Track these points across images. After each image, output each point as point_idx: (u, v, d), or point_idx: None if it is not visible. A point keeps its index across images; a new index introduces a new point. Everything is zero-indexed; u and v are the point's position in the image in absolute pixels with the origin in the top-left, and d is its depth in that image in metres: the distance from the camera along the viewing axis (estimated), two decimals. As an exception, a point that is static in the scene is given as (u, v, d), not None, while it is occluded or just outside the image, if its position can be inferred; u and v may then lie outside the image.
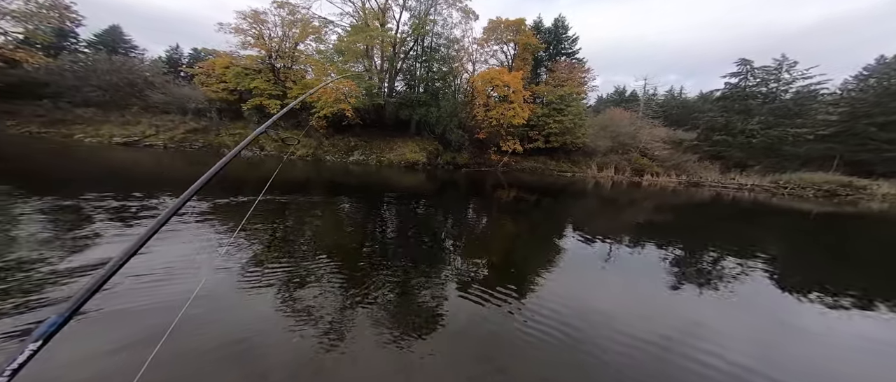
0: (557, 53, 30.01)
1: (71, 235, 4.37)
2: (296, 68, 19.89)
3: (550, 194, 15.15)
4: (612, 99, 41.83)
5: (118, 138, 17.06)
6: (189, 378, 2.23)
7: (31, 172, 8.73)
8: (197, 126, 18.97)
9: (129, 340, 2.47)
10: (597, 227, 8.66)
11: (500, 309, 3.45)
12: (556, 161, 26.43)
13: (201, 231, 5.20)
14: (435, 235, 6.45)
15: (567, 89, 26.25)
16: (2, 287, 2.99)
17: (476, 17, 24.17)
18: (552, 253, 5.85)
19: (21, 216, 4.86)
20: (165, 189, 7.99)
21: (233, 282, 3.55)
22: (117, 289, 3.12)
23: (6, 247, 3.80)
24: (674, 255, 6.18)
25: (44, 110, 16.41)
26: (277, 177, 12.45)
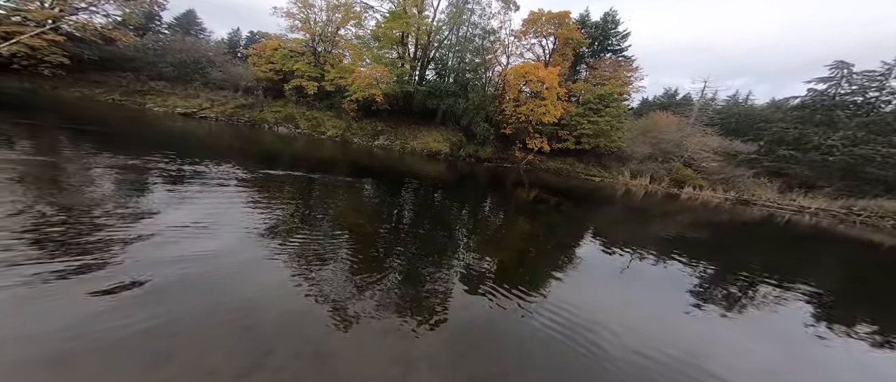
0: (602, 50, 27.99)
1: (131, 189, 5.20)
2: (335, 52, 20.96)
3: (574, 198, 14.60)
4: (659, 102, 38.12)
5: (180, 109, 19.47)
6: (200, 338, 2.30)
7: (110, 135, 10.34)
8: (245, 102, 20.98)
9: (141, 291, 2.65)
10: (620, 237, 8.30)
11: (507, 309, 3.39)
12: (585, 164, 25.07)
13: (237, 195, 5.78)
14: (449, 227, 6.48)
15: (608, 88, 24.51)
16: (74, 229, 3.60)
17: (517, 7, 23.33)
18: (567, 259, 5.69)
19: (97, 170, 5.85)
20: (211, 157, 8.96)
21: (254, 249, 3.74)
22: (156, 239, 3.56)
23: (85, 198, 4.57)
24: (702, 275, 5.78)
25: (126, 81, 19.24)
26: (306, 154, 13.55)
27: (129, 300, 2.54)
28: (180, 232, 3.85)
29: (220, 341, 2.30)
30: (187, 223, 4.13)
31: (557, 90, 22.89)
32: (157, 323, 2.34)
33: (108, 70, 19.14)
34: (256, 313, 2.64)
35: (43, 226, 3.38)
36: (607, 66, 26.67)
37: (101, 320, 2.29)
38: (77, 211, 3.92)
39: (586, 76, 27.30)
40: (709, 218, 14.83)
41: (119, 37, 18.50)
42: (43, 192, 4.34)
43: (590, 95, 25.08)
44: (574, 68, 27.47)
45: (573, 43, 25.57)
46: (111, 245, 3.29)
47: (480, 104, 22.99)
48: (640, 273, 5.51)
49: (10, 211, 3.55)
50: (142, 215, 4.18)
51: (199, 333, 2.34)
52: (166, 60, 19.75)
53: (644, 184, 23.38)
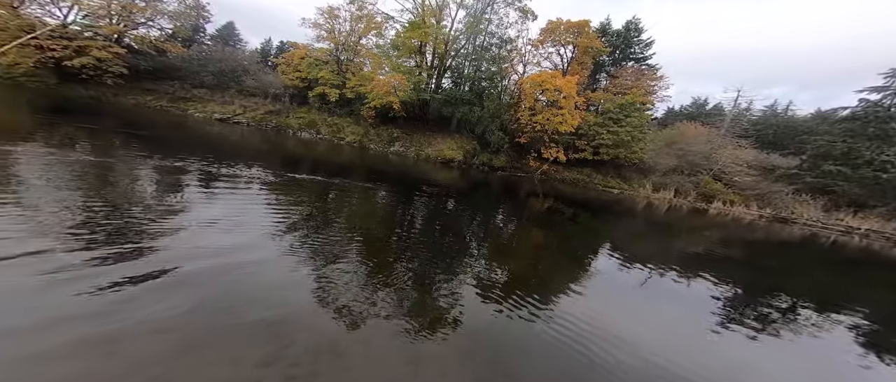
0: (624, 58, 27.30)
1: (169, 187, 5.73)
2: (356, 60, 22.08)
3: (590, 209, 14.22)
4: (686, 112, 36.12)
5: (217, 114, 21.21)
6: (223, 328, 2.42)
7: (156, 139, 11.37)
8: (273, 108, 22.49)
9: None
10: (640, 251, 8.00)
11: (516, 316, 3.39)
12: (603, 175, 24.23)
13: (261, 196, 6.16)
14: (460, 233, 6.54)
15: (629, 98, 23.78)
16: (120, 225, 3.94)
17: (534, 17, 23.45)
18: (580, 270, 5.59)
19: (143, 170, 6.50)
20: (241, 160, 9.63)
21: (274, 246, 3.92)
22: (187, 233, 3.85)
23: (129, 195, 5.11)
24: (729, 294, 5.46)
25: (173, 89, 21.35)
26: (325, 158, 14.17)
27: (160, 287, 2.76)
28: (209, 228, 4.16)
29: (241, 332, 2.41)
30: (216, 219, 4.44)
31: (575, 99, 22.50)
32: (183, 311, 2.53)
33: (158, 79, 21.37)
34: (276, 307, 2.77)
35: (92, 219, 3.78)
36: (629, 75, 25.90)
37: (137, 305, 2.49)
38: (122, 206, 4.38)
39: (606, 85, 26.64)
40: (741, 236, 13.83)
41: (170, 48, 20.68)
42: (95, 188, 4.90)
43: (610, 105, 24.42)
44: (593, 77, 26.94)
45: (593, 51, 25.16)
46: (148, 237, 3.60)
47: (495, 112, 23.08)
48: (661, 288, 5.27)
49: (66, 205, 4.04)
50: (176, 211, 4.60)
51: (222, 323, 2.46)
52: (208, 69, 21.76)
53: (668, 198, 22.17)
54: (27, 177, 4.76)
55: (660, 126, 30.13)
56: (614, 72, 26.58)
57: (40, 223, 3.41)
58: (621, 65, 26.65)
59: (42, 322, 2.20)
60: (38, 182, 4.63)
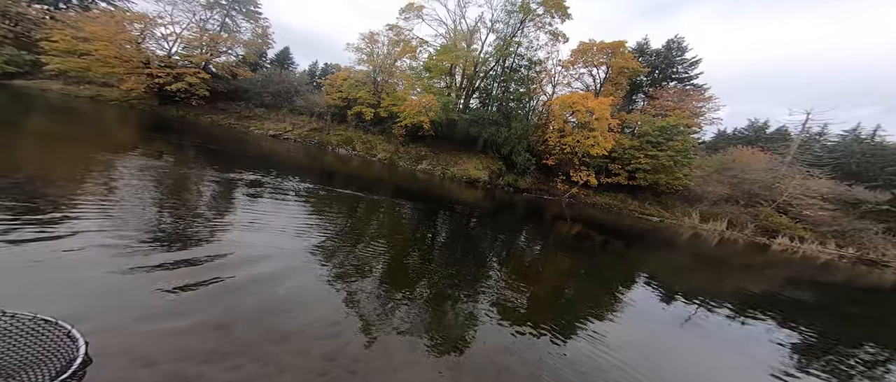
0: (665, 78, 25.87)
1: (226, 195, 6.49)
2: (390, 81, 23.93)
3: (625, 237, 13.32)
4: (741, 135, 32.18)
5: (271, 131, 24.11)
6: (258, 327, 2.50)
7: (223, 153, 12.93)
8: (316, 126, 25.01)
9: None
10: (683, 284, 7.39)
11: (535, 344, 3.24)
12: (640, 201, 22.40)
13: (300, 206, 6.68)
14: (482, 254, 6.51)
15: (672, 120, 22.22)
16: (189, 225, 4.42)
17: (566, 39, 23.59)
18: (612, 299, 5.31)
19: (209, 181, 7.43)
20: (288, 173, 10.59)
21: (301, 257, 4.08)
22: (236, 236, 4.20)
23: (197, 200, 5.85)
24: (798, 341, 4.82)
25: (239, 109, 24.97)
26: (356, 173, 15.12)
27: (211, 288, 2.99)
28: (254, 231, 4.61)
29: (272, 333, 2.51)
30: (258, 224, 4.96)
31: (609, 121, 21.63)
32: (224, 309, 2.71)
33: (229, 99, 25.24)
34: (298, 311, 2.90)
35: (162, 221, 4.30)
36: (671, 96, 24.36)
37: (197, 301, 2.72)
38: (191, 209, 5.00)
39: (644, 106, 25.28)
40: (814, 277, 11.84)
41: (241, 72, 24.43)
42: (171, 194, 5.67)
43: (648, 127, 22.99)
44: (629, 98, 25.78)
45: (629, 72, 24.28)
46: (205, 239, 3.99)
47: (523, 133, 23.02)
48: (710, 327, 4.80)
49: (142, 206, 4.65)
50: (229, 217, 5.24)
51: (259, 322, 2.59)
52: (268, 91, 25.17)
53: (719, 230, 19.67)
54: (127, 182, 5.67)
55: (708, 150, 27.31)
56: (654, 93, 25.22)
57: (124, 219, 3.99)
58: (661, 86, 25.24)
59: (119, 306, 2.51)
60: (133, 185, 5.53)
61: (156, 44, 23.22)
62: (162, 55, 23.07)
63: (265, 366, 2.10)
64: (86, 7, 24.86)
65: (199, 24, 23.49)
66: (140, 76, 21.99)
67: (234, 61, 25.16)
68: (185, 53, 23.58)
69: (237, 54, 25.48)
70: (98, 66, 20.97)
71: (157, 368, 1.92)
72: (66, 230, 3.39)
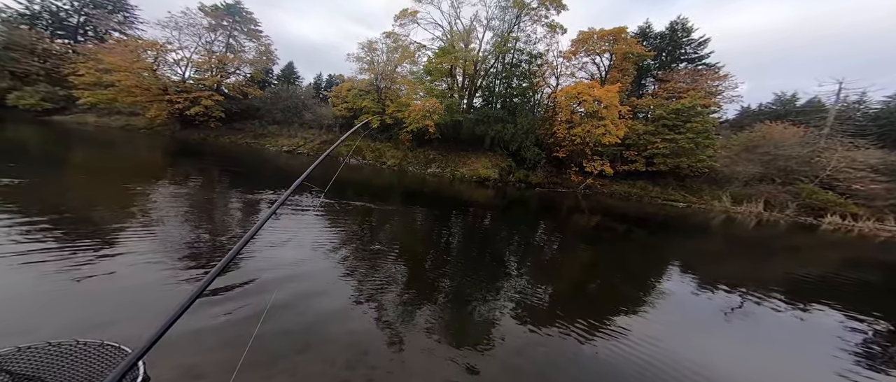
0: (674, 60, 24.78)
1: (248, 214, 6.50)
2: (393, 88, 24.16)
3: (648, 225, 12.43)
4: (768, 110, 29.77)
5: (285, 147, 24.67)
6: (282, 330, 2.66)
7: (243, 173, 12.80)
8: (327, 138, 25.41)
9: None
10: (722, 272, 6.67)
11: (562, 343, 3.12)
12: (662, 187, 20.92)
13: (316, 219, 6.66)
14: (497, 252, 6.30)
15: (687, 101, 21.01)
16: (218, 244, 4.58)
17: (564, 30, 23.18)
18: (640, 291, 4.91)
19: (233, 201, 7.55)
20: (304, 188, 10.59)
21: (322, 269, 4.15)
22: (260, 252, 4.26)
23: (223, 220, 5.96)
24: (867, 330, 4.16)
25: (253, 128, 25.82)
26: (368, 181, 14.84)
27: (240, 296, 3.21)
28: (277, 247, 4.71)
29: (297, 343, 2.61)
30: (283, 241, 5.02)
31: (618, 108, 20.72)
32: (255, 322, 2.74)
33: (244, 119, 26.22)
34: (320, 321, 2.98)
35: (195, 241, 4.57)
36: (682, 77, 23.18)
37: (231, 314, 2.87)
38: (219, 229, 5.26)
39: (655, 90, 24.16)
40: (877, 257, 10.46)
41: (251, 91, 25.41)
42: (201, 217, 5.87)
43: (662, 111, 21.85)
44: (638, 83, 24.77)
45: (634, 57, 23.43)
46: (219, 250, 4.28)
47: (529, 128, 22.40)
48: (758, 317, 4.31)
49: (176, 229, 4.91)
50: (245, 230, 5.23)
51: (286, 333, 2.69)
52: (278, 107, 25.95)
53: (755, 211, 17.88)
54: (162, 208, 5.90)
55: (733, 129, 25.51)
56: (664, 76, 24.12)
57: (163, 242, 4.30)
58: (671, 69, 24.14)
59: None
60: (167, 210, 5.75)
61: (169, 70, 24.59)
62: (177, 80, 24.41)
63: (293, 376, 2.21)
64: (101, 38, 27.07)
65: (205, 46, 24.66)
66: (161, 103, 23.27)
67: (244, 80, 26.25)
68: (197, 77, 24.85)
69: (245, 73, 26.64)
70: (123, 97, 22.40)
71: (204, 380, 2.08)
72: (112, 255, 3.69)
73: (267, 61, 27.40)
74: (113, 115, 24.36)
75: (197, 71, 24.82)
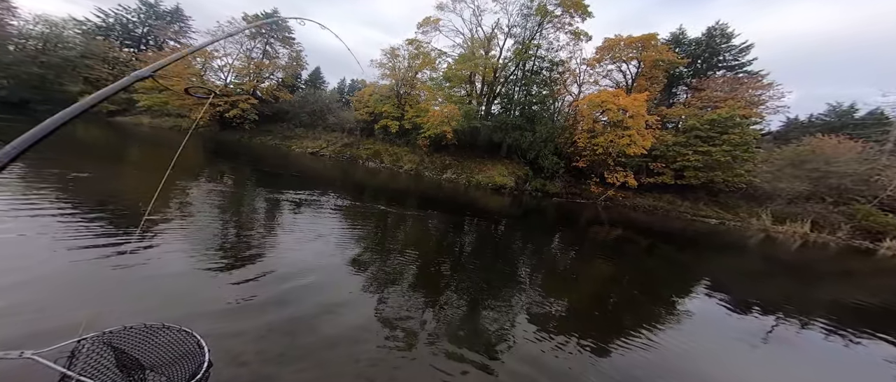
0: (710, 68, 23.38)
1: (273, 211, 6.91)
2: (412, 93, 24.81)
3: (676, 241, 11.86)
4: (820, 122, 26.91)
5: (310, 149, 26.03)
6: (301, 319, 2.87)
7: (271, 173, 13.42)
8: (347, 141, 26.51)
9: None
10: (758, 292, 6.32)
11: (574, 355, 3.04)
12: (692, 202, 19.60)
13: (335, 220, 6.94)
14: (511, 261, 6.25)
15: (725, 111, 19.70)
16: (242, 236, 4.97)
17: (588, 37, 22.74)
18: (665, 308, 4.74)
19: (261, 199, 7.94)
20: (326, 189, 10.95)
21: (343, 271, 4.31)
22: (281, 246, 4.64)
23: (252, 216, 6.33)
24: None
25: (281, 130, 27.59)
26: (385, 186, 14.99)
27: (260, 285, 3.51)
28: (296, 243, 5.05)
29: (325, 339, 2.78)
30: (305, 238, 5.35)
31: (646, 117, 19.84)
32: (288, 317, 3.03)
33: (274, 121, 28.09)
34: (345, 319, 3.16)
35: (225, 235, 4.95)
36: (720, 86, 21.77)
37: (267, 308, 3.09)
38: (248, 224, 5.68)
39: (688, 99, 22.86)
40: None
41: (282, 95, 27.19)
42: (232, 211, 6.35)
43: (695, 121, 20.62)
44: (669, 91, 23.59)
45: (664, 64, 22.38)
46: (267, 254, 4.52)
47: (549, 136, 22.01)
48: (800, 344, 4.12)
49: (209, 225, 5.26)
50: (276, 230, 5.66)
51: (314, 330, 2.89)
52: (304, 111, 27.55)
53: (800, 232, 16.22)
54: (196, 202, 6.43)
55: (777, 142, 23.40)
56: (698, 84, 22.80)
57: (197, 233, 4.72)
58: (707, 76, 22.78)
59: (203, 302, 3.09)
60: (199, 206, 6.27)
61: (214, 75, 27.01)
62: (220, 85, 26.74)
63: (322, 369, 2.37)
64: (159, 46, 30.26)
65: (246, 53, 26.82)
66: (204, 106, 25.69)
67: (275, 85, 28.18)
68: (237, 82, 27.05)
69: (277, 78, 28.58)
70: (173, 100, 24.91)
71: (248, 367, 2.26)
72: (158, 247, 4.04)
73: (297, 66, 29.32)
74: (163, 117, 27.06)
75: (237, 76, 27.02)
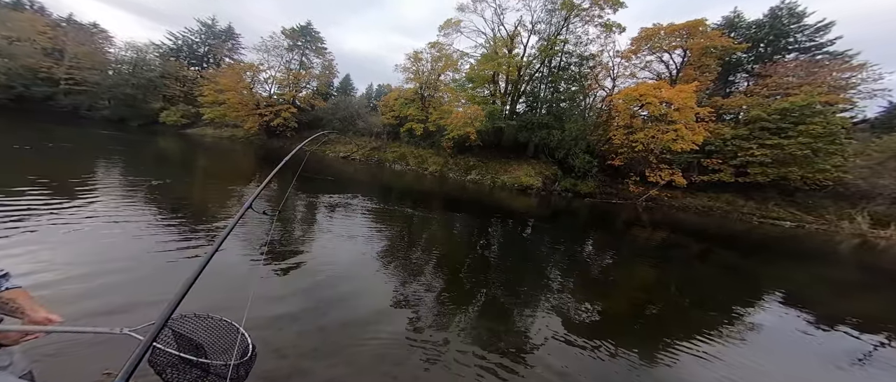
0: (777, 51, 20.34)
1: (311, 213, 7.40)
2: (436, 96, 25.18)
3: (738, 246, 10.37)
4: None
5: (342, 154, 27.59)
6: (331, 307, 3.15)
7: (310, 179, 13.36)
8: (375, 145, 27.64)
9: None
10: (852, 308, 5.40)
11: (608, 363, 2.88)
12: (759, 202, 16.66)
13: (363, 221, 7.19)
14: (541, 264, 6.04)
15: (800, 99, 16.84)
16: (290, 237, 5.32)
17: (621, 29, 21.33)
18: (721, 319, 4.22)
19: (304, 202, 8.38)
20: (351, 190, 11.39)
21: (369, 271, 4.44)
22: (319, 242, 5.09)
23: (294, 223, 6.53)
24: None
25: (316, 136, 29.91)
26: (410, 188, 15.11)
27: (296, 281, 3.84)
28: (330, 242, 5.43)
29: (354, 336, 2.90)
30: (339, 238, 5.66)
31: (695, 110, 17.69)
32: (320, 315, 3.22)
33: (310, 128, 30.39)
34: (373, 320, 3.30)
35: (267, 235, 5.22)
36: (791, 70, 18.74)
37: (301, 305, 3.31)
38: (286, 229, 5.91)
39: (749, 87, 19.99)
40: None
41: (317, 103, 29.43)
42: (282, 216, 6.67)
43: (761, 111, 17.88)
44: (724, 80, 20.89)
45: (717, 51, 19.97)
46: (295, 248, 5.01)
47: (579, 134, 20.65)
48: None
49: (252, 228, 5.51)
50: (314, 231, 6.07)
51: (344, 327, 3.03)
52: (337, 117, 29.53)
53: (917, 241, 12.74)
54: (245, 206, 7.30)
55: (875, 131, 19.09)
56: (762, 70, 19.89)
57: (248, 234, 5.19)
58: (773, 61, 19.80)
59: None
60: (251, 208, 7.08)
61: (260, 87, 30.16)
62: (265, 96, 29.86)
63: (351, 366, 2.49)
64: (217, 64, 34.80)
65: (285, 65, 29.54)
66: (254, 116, 28.67)
67: (311, 93, 30.68)
68: (279, 92, 30.00)
69: (313, 87, 31.10)
70: (230, 112, 28.33)
71: (287, 360, 2.42)
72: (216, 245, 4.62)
73: (329, 75, 31.74)
74: (222, 128, 30.88)
75: (279, 87, 30.04)
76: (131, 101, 30.97)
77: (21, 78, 28.34)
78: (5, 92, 27.74)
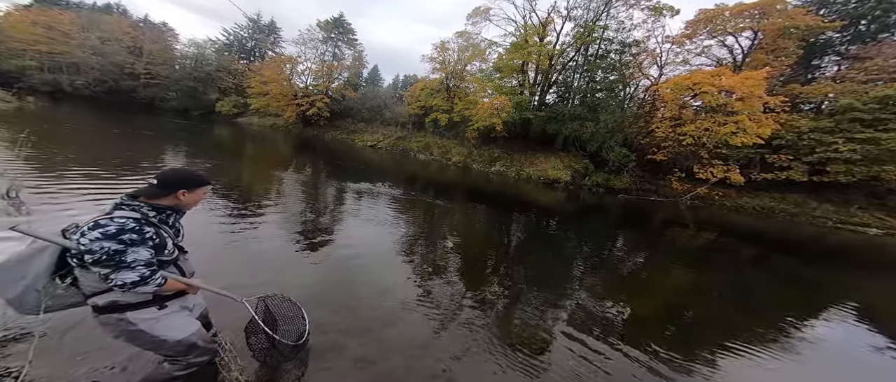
0: (883, 29, 16.90)
1: (336, 200, 7.90)
2: (462, 86, 25.05)
3: (803, 253, 9.34)
4: None
5: (369, 143, 28.75)
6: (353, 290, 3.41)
7: (340, 166, 14.69)
8: (400, 135, 28.35)
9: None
10: None
11: (636, 368, 2.85)
12: (839, 204, 14.13)
13: (388, 208, 7.56)
14: (566, 260, 6.01)
15: (908, 85, 13.88)
16: (315, 220, 5.80)
17: (673, 12, 19.30)
18: (774, 331, 3.93)
19: (332, 188, 9.12)
20: (379, 179, 11.97)
21: (392, 254, 4.75)
22: (343, 227, 5.50)
23: (326, 202, 7.12)
24: None
25: (346, 125, 31.41)
26: (434, 178, 15.28)
27: (331, 263, 4.18)
28: (359, 228, 5.77)
29: (383, 318, 3.11)
30: (367, 224, 6.06)
31: (763, 99, 15.46)
32: (353, 296, 3.47)
33: (341, 118, 32.20)
34: (385, 285, 3.70)
35: (302, 217, 5.84)
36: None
37: (335, 285, 3.62)
38: (318, 211, 6.49)
39: (840, 72, 16.87)
40: None
41: (348, 93, 31.01)
42: (308, 199, 7.37)
43: (853, 99, 15.10)
44: (806, 64, 17.88)
45: (799, 32, 17.16)
46: (328, 232, 5.35)
47: (615, 126, 19.18)
48: None
49: (290, 210, 6.11)
50: (345, 216, 6.51)
51: (375, 307, 3.26)
52: (365, 106, 30.84)
53: None
54: (284, 190, 7.90)
55: None
56: (859, 52, 16.69)
57: (287, 216, 5.78)
58: (875, 40, 16.50)
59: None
60: (289, 192, 7.66)
61: (298, 78, 32.57)
62: (302, 87, 32.18)
63: (379, 345, 2.67)
64: (262, 57, 38.12)
65: (320, 56, 31.51)
66: (292, 106, 31.13)
67: (342, 84, 32.38)
68: (314, 83, 32.13)
69: (344, 78, 32.82)
70: (272, 102, 31.10)
71: (327, 336, 2.66)
72: (261, 223, 5.16)
73: (359, 65, 33.26)
74: (266, 117, 33.97)
75: (314, 78, 32.22)
76: (193, 93, 35.45)
77: (111, 73, 34.00)
78: (100, 85, 33.53)
